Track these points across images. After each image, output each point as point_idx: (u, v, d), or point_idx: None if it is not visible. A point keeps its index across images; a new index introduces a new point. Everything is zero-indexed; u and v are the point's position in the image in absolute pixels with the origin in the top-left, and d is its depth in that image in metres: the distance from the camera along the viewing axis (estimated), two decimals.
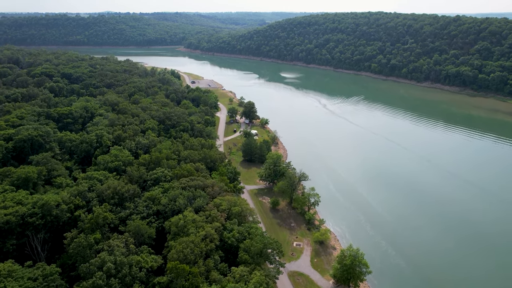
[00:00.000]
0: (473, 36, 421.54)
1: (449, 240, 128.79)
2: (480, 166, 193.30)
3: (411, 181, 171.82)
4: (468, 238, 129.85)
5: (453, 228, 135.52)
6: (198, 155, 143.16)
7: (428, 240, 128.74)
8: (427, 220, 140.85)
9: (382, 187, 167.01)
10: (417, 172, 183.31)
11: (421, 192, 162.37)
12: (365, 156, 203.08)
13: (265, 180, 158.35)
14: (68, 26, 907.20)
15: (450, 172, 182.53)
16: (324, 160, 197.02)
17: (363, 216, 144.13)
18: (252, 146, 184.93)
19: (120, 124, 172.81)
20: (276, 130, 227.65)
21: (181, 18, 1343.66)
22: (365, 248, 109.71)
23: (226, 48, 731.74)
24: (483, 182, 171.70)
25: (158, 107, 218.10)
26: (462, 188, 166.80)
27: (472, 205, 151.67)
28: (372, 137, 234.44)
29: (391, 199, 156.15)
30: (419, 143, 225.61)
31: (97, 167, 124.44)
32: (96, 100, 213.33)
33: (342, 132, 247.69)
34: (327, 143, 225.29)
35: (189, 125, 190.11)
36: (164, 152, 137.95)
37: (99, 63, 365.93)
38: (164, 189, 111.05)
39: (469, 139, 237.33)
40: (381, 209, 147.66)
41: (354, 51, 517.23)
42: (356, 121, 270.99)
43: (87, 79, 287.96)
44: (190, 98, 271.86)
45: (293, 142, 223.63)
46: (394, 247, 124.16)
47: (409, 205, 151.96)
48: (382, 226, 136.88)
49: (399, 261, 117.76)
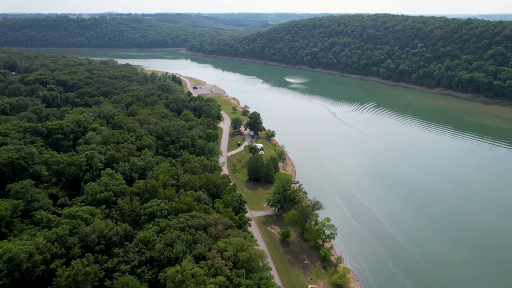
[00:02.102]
0: (486, 40, 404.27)
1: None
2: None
3: (442, 209, 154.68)
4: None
5: (504, 272, 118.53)
6: (200, 181, 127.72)
7: (464, 278, 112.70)
8: (464, 256, 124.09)
9: (404, 214, 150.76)
10: (448, 196, 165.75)
11: (456, 222, 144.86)
12: (382, 175, 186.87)
13: (274, 206, 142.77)
14: (69, 28, 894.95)
15: (491, 201, 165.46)
16: (336, 179, 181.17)
17: (383, 249, 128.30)
18: (258, 165, 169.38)
19: (114, 141, 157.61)
20: (284, 144, 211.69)
21: (183, 19, 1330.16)
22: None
23: (229, 51, 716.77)
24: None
25: (156, 119, 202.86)
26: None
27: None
28: (388, 152, 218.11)
29: (416, 230, 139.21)
30: (447, 161, 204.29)
31: (85, 197, 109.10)
32: (90, 112, 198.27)
33: (354, 145, 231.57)
34: (338, 158, 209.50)
35: (190, 141, 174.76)
36: (161, 178, 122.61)
37: (97, 68, 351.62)
38: (160, 228, 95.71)
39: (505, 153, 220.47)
40: (404, 240, 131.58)
41: (361, 55, 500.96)
42: (369, 132, 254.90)
43: (83, 87, 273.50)
44: (192, 108, 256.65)
45: (301, 157, 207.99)
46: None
47: (441, 239, 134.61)
48: (407, 262, 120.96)
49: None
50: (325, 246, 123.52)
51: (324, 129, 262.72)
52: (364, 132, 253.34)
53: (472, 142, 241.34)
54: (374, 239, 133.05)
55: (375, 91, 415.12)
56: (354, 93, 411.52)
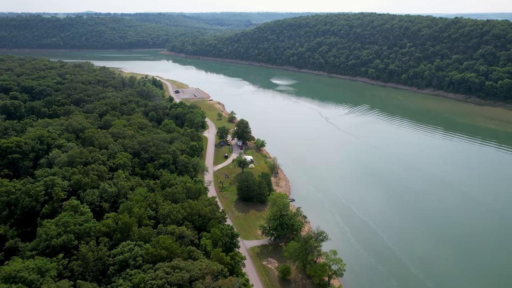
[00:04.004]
0: (475, 39, 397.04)
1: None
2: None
3: (463, 230, 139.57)
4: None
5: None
6: (183, 211, 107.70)
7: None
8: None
9: (420, 239, 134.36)
10: (465, 214, 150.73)
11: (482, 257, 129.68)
12: (385, 186, 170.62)
13: (269, 235, 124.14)
14: (42, 28, 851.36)
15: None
16: (333, 193, 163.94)
17: (396, 282, 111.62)
18: (249, 183, 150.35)
19: (82, 161, 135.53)
20: (276, 156, 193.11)
21: (165, 19, 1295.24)
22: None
23: (212, 51, 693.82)
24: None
25: (133, 131, 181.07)
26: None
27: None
28: (387, 160, 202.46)
29: (441, 263, 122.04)
30: (461, 175, 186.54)
31: (37, 243, 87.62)
32: (57, 125, 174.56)
33: (351, 153, 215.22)
34: (333, 168, 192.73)
35: (171, 157, 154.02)
36: (136, 211, 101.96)
37: (70, 72, 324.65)
38: (133, 285, 75.47)
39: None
40: (417, 269, 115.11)
41: (349, 55, 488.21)
42: (364, 137, 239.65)
43: (52, 94, 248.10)
44: (173, 116, 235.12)
45: (295, 169, 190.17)
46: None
47: (470, 275, 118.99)
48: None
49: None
50: (332, 284, 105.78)
51: (317, 135, 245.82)
52: (361, 139, 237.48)
53: (483, 148, 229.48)
54: (384, 268, 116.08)
55: (365, 92, 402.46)
56: (344, 95, 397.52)
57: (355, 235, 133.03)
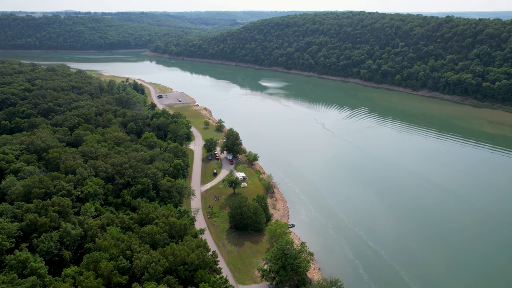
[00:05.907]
0: (470, 39, 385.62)
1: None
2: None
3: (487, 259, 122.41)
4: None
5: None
6: (164, 261, 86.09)
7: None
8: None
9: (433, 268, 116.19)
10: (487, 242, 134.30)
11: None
12: (395, 206, 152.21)
13: (270, 279, 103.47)
14: (16, 27, 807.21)
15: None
16: (338, 215, 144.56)
17: None
18: (243, 210, 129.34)
19: (42, 192, 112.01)
20: (271, 174, 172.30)
21: (147, 18, 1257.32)
22: None
23: (197, 52, 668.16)
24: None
25: (109, 148, 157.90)
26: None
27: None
28: (396, 172, 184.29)
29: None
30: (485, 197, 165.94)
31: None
32: (16, 144, 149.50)
33: (351, 164, 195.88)
34: (334, 182, 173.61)
35: (151, 181, 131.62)
36: (104, 267, 79.70)
37: (41, 77, 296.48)
38: None
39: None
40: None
41: (340, 56, 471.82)
42: (362, 144, 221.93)
43: (18, 103, 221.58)
44: (155, 126, 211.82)
45: (292, 185, 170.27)
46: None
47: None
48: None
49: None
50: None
51: (313, 143, 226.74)
52: (362, 148, 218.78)
53: (489, 152, 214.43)
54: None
55: (357, 94, 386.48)
56: (336, 97, 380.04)
57: (369, 273, 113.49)
